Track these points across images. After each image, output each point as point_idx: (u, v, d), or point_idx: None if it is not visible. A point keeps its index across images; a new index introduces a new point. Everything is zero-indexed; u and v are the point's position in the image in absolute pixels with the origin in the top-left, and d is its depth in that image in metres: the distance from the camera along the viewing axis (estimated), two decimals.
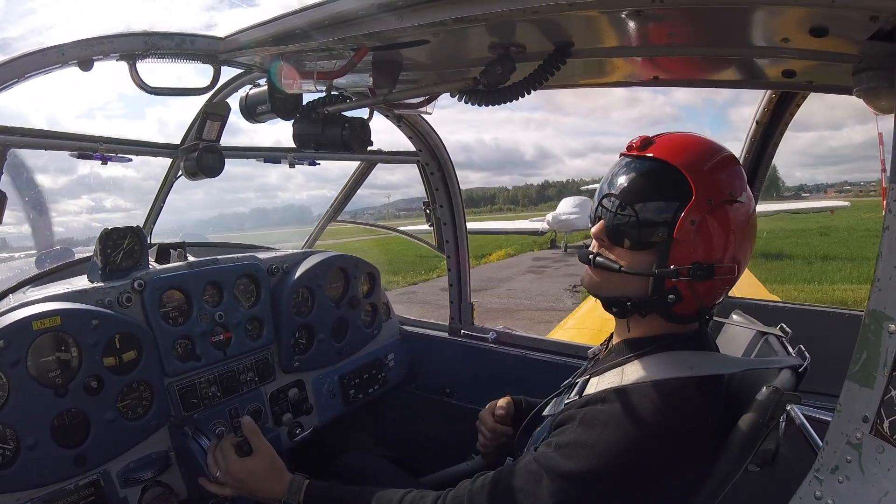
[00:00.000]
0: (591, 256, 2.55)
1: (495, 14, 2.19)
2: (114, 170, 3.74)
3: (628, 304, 2.51)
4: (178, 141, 4.42)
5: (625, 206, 2.43)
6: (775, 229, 59.55)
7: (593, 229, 2.56)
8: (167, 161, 4.65)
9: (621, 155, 2.58)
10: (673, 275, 2.34)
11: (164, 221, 4.94)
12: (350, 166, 5.68)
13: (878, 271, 1.65)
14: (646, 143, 2.48)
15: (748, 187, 2.44)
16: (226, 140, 4.29)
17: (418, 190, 5.51)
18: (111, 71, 2.90)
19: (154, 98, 2.91)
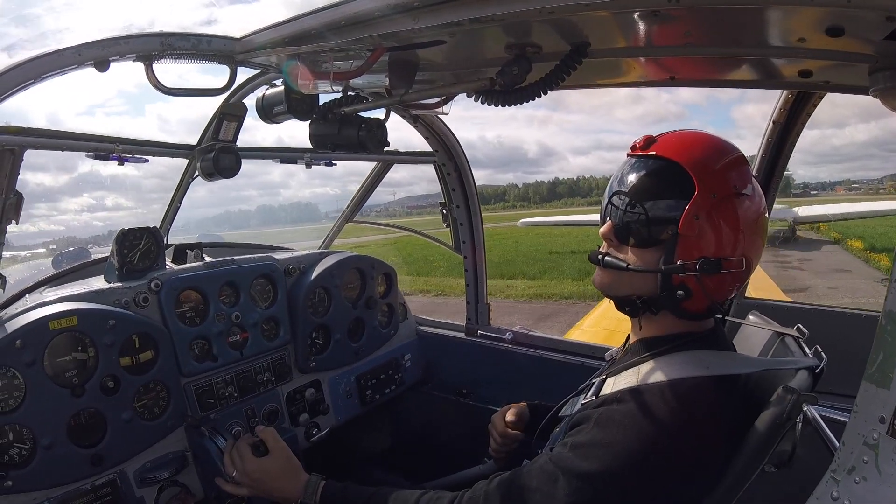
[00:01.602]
0: (599, 257, 2.56)
1: (511, 14, 2.19)
2: (113, 167, 3.68)
3: (639, 302, 2.52)
4: (180, 138, 4.40)
5: (634, 205, 2.43)
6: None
7: (602, 230, 2.55)
8: (168, 160, 4.60)
9: (627, 155, 2.58)
10: (679, 270, 2.34)
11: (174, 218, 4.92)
12: (356, 164, 5.66)
13: (895, 272, 1.64)
14: (648, 141, 2.48)
15: (754, 181, 2.44)
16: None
17: (422, 187, 5.54)
18: (112, 68, 2.90)
19: (154, 95, 2.88)
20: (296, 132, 3.59)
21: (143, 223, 3.74)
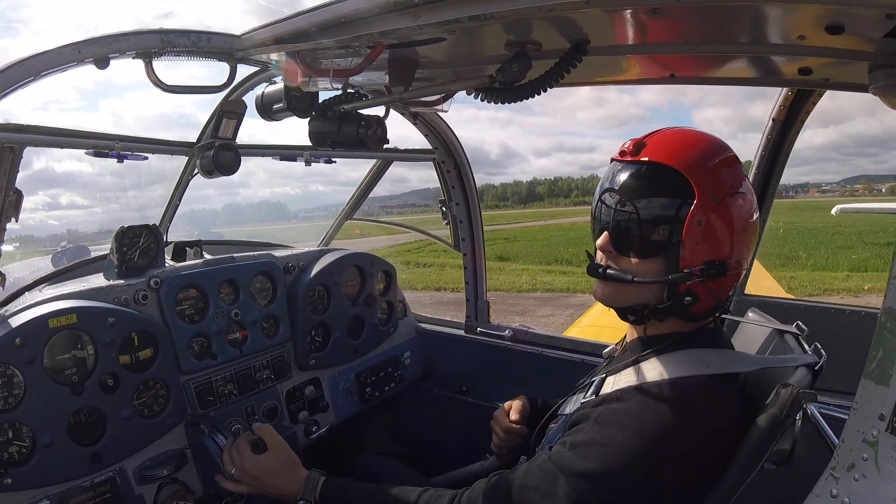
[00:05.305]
0: (600, 270, 2.51)
1: (512, 12, 2.18)
2: (69, 164, 3.64)
3: (645, 311, 2.49)
4: (136, 134, 4.36)
5: (632, 214, 2.39)
6: None
7: (598, 241, 2.51)
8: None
9: (613, 160, 2.56)
10: (686, 278, 2.31)
11: (134, 219, 4.91)
12: (317, 164, 5.62)
13: (895, 269, 1.64)
14: (639, 146, 2.43)
15: (746, 179, 2.44)
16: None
17: (404, 186, 5.44)
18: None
19: (108, 90, 2.88)
20: (270, 126, 3.59)
21: (99, 223, 3.74)
